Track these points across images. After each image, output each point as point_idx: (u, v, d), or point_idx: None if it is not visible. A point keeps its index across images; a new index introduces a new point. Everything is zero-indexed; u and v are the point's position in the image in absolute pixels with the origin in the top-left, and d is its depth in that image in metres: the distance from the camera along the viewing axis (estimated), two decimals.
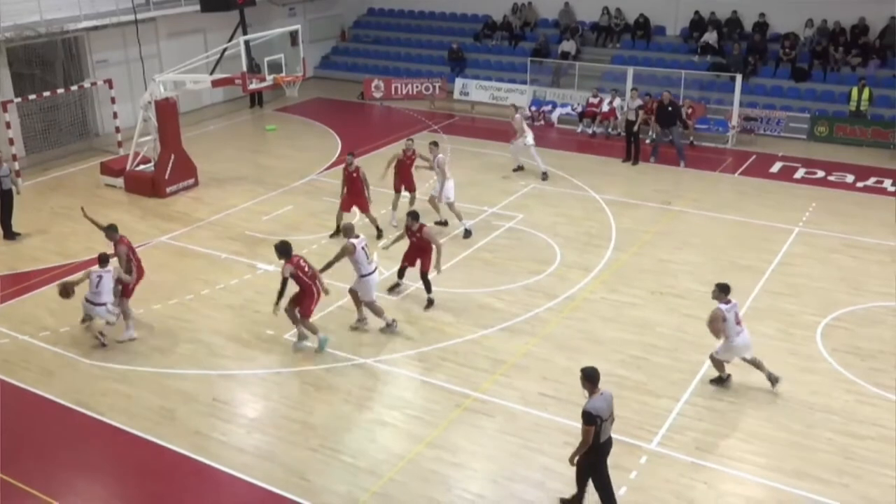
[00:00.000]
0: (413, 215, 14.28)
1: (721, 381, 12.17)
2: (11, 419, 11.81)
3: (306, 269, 12.88)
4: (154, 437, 11.22)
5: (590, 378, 9.05)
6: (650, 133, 23.59)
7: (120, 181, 20.78)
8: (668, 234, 17.66)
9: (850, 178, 21.03)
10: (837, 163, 22.13)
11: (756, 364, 11.99)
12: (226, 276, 15.95)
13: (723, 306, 11.66)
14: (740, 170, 21.97)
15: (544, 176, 20.94)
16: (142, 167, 20.85)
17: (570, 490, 10.03)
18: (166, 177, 20.18)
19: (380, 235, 17.12)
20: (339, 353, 13.14)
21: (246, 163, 22.82)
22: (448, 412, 11.65)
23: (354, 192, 17.18)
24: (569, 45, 28.65)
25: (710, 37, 27.21)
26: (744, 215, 18.62)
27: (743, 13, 27.54)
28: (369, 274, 13.36)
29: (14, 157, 20.80)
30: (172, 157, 20.28)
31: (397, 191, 18.04)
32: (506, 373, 12.57)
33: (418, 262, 14.45)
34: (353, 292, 13.66)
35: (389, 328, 13.63)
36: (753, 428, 11.29)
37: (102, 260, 13.21)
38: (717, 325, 11.69)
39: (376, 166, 19.09)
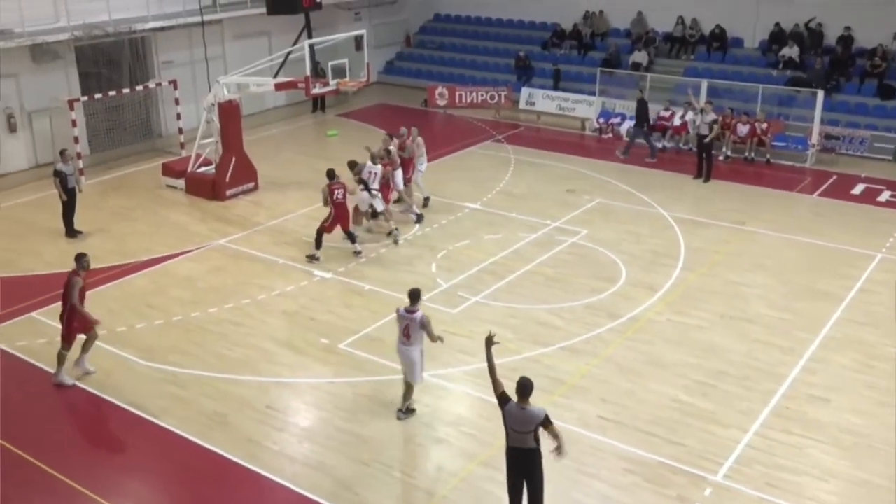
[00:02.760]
0: (329, 174, 16.45)
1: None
2: (65, 417, 11.87)
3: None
4: (206, 443, 11.09)
5: (518, 389, 8.89)
6: (723, 149, 22.88)
7: (181, 182, 20.86)
8: (740, 255, 16.96)
9: None
10: None
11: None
12: (282, 281, 15.80)
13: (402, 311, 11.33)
14: (819, 190, 21.07)
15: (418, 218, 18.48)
16: (203, 169, 20.88)
17: None
18: (227, 180, 20.18)
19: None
20: (395, 366, 12.80)
21: (306, 167, 22.70)
22: (502, 431, 11.21)
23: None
24: (640, 56, 27.98)
25: (792, 51, 26.24)
26: (822, 238, 17.79)
27: (827, 26, 26.49)
28: (365, 190, 17.04)
29: (78, 156, 21.06)
30: (234, 159, 20.27)
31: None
32: (564, 394, 12.13)
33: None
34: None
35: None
36: (828, 465, 10.66)
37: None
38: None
39: (436, 172, 18.77)
